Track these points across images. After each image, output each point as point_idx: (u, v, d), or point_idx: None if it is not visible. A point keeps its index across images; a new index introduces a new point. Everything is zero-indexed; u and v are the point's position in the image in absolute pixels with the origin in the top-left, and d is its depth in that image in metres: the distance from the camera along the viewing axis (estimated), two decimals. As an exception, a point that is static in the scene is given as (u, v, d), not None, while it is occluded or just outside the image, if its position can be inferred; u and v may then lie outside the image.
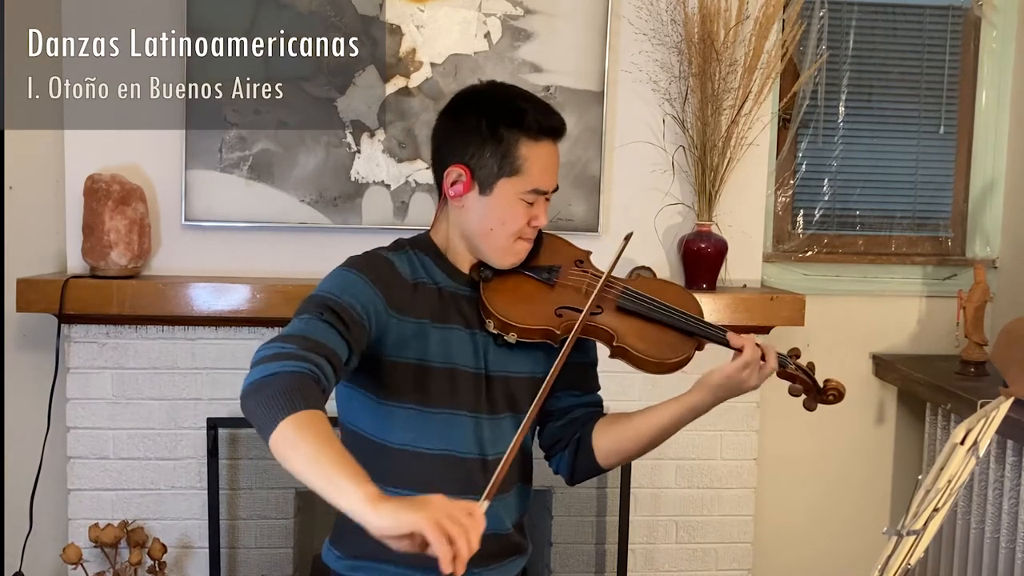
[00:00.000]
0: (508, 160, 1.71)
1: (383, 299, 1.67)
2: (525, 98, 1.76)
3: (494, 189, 1.72)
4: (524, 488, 1.84)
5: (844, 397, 1.84)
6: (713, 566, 3.01)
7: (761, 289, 2.98)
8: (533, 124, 1.71)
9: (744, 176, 2.93)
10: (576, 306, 1.76)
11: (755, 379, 1.75)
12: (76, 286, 2.64)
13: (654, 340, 1.77)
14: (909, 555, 1.31)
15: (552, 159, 1.76)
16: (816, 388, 1.84)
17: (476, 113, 1.73)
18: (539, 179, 1.73)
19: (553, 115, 1.75)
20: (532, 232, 1.76)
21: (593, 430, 1.83)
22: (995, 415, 1.38)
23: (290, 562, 2.87)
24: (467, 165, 1.72)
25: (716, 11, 2.79)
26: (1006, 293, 3.21)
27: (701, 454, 2.97)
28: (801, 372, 1.84)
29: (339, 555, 1.79)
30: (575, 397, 1.86)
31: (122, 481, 2.79)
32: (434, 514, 1.27)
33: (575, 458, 1.84)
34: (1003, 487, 2.64)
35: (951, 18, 3.23)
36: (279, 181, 2.77)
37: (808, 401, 1.86)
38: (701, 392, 1.75)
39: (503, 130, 1.71)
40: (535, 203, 1.74)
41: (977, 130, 3.26)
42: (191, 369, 2.78)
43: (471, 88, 1.83)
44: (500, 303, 1.73)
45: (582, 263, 1.83)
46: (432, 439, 1.71)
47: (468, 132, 1.72)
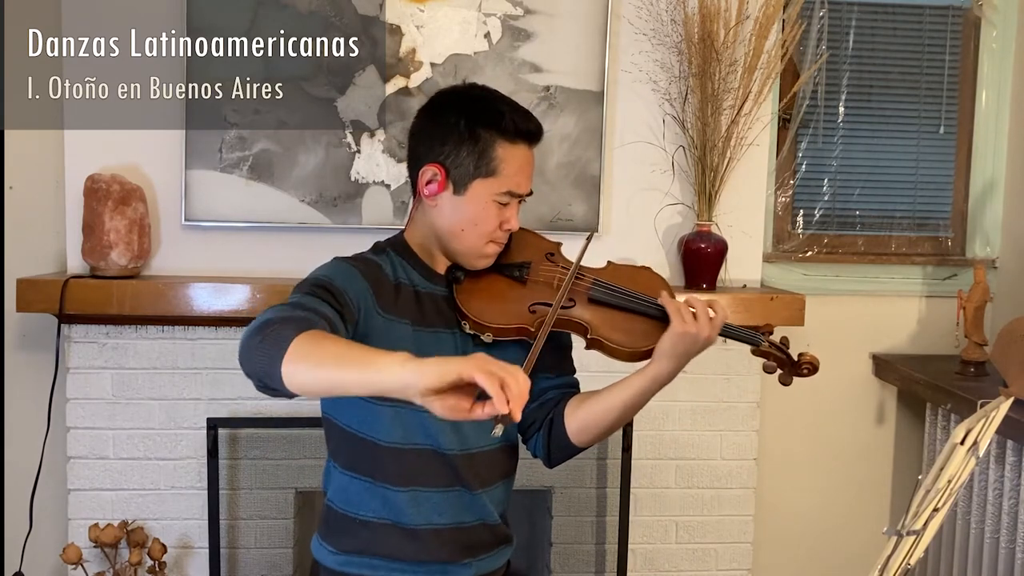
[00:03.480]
0: (484, 160, 1.72)
1: (372, 296, 1.70)
2: (504, 101, 1.78)
3: (468, 189, 1.73)
4: (508, 481, 1.87)
5: (818, 370, 1.86)
6: (713, 566, 3.01)
7: (761, 289, 2.98)
8: (510, 126, 1.73)
9: (744, 176, 2.93)
10: (548, 301, 1.78)
11: (706, 330, 1.74)
12: (76, 286, 2.64)
13: (626, 329, 1.79)
14: (909, 555, 1.31)
15: (527, 163, 1.77)
16: (791, 362, 1.86)
17: (454, 113, 1.75)
18: (514, 181, 1.74)
19: (531, 119, 1.77)
20: (503, 236, 1.78)
21: (564, 410, 1.84)
22: (995, 415, 1.38)
23: (290, 562, 2.87)
24: (442, 164, 1.73)
25: (716, 11, 2.79)
26: (1006, 293, 3.21)
27: (701, 454, 2.97)
28: (774, 348, 1.86)
29: (331, 550, 1.81)
30: (549, 379, 1.87)
31: (122, 481, 2.79)
32: (478, 362, 1.27)
33: (549, 438, 1.85)
34: (1003, 487, 2.64)
35: (951, 18, 3.23)
36: (279, 181, 2.78)
37: (783, 376, 1.88)
38: (660, 361, 1.76)
39: (481, 130, 1.72)
40: (508, 205, 1.75)
41: (977, 130, 3.26)
42: (191, 369, 2.78)
43: (451, 88, 1.85)
44: (474, 304, 1.75)
45: (553, 256, 1.85)
46: (417, 435, 1.73)
47: (446, 131, 1.74)
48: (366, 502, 1.76)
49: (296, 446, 2.83)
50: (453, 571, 1.78)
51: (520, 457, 1.92)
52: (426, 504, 1.75)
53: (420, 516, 1.75)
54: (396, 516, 1.75)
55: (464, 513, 1.78)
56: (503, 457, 1.84)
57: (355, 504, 1.77)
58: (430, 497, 1.75)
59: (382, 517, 1.76)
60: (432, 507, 1.76)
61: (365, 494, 1.76)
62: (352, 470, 1.77)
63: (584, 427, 1.82)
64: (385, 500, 1.75)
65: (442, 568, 1.77)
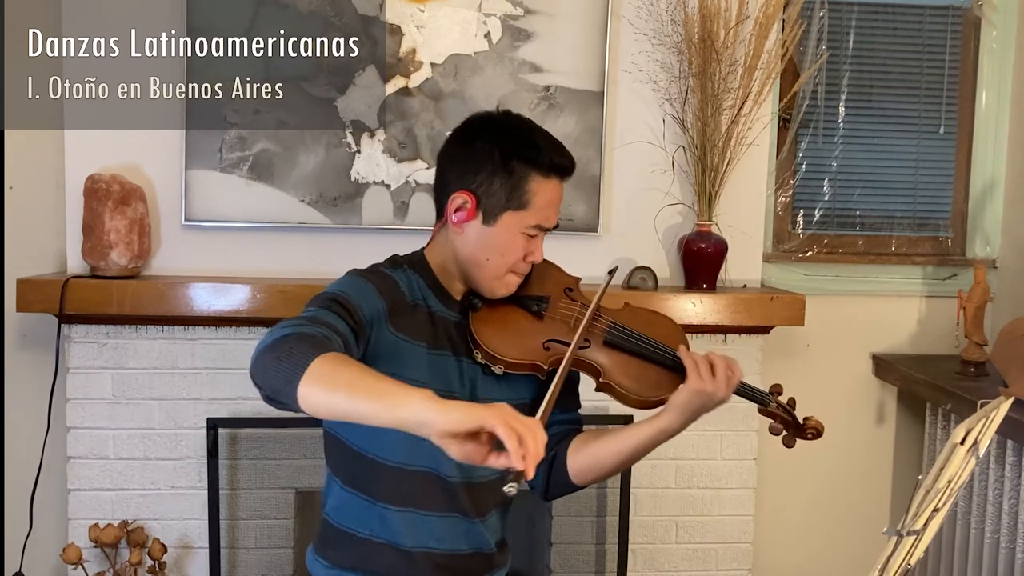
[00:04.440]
0: (517, 193, 1.71)
1: (387, 314, 1.68)
2: (540, 134, 1.77)
3: (498, 220, 1.72)
4: (503, 509, 1.86)
5: (822, 435, 1.88)
6: (713, 566, 3.01)
7: (761, 289, 2.98)
8: (546, 161, 1.73)
9: (744, 176, 2.93)
10: (564, 339, 1.76)
11: (722, 390, 1.74)
12: (76, 286, 2.64)
13: (638, 376, 1.78)
14: (909, 555, 1.31)
15: (558, 197, 1.77)
16: (796, 425, 1.87)
17: (489, 142, 1.73)
18: (543, 215, 1.74)
19: (565, 155, 1.76)
20: (526, 267, 1.77)
21: (568, 448, 1.83)
22: (995, 415, 1.38)
23: (290, 562, 2.87)
24: (474, 192, 1.72)
25: (716, 11, 2.79)
26: (1006, 293, 3.21)
27: (701, 454, 2.97)
28: (781, 410, 1.87)
29: (325, 564, 1.80)
30: (555, 415, 1.84)
31: (122, 481, 2.79)
32: (501, 414, 1.26)
33: (549, 475, 1.84)
34: (1003, 487, 2.64)
35: (951, 18, 3.23)
36: (279, 181, 2.78)
37: (787, 438, 1.88)
38: (671, 414, 1.75)
39: (516, 162, 1.71)
40: (535, 238, 1.75)
41: (977, 130, 3.26)
42: (191, 369, 2.78)
43: (486, 115, 1.82)
44: (488, 335, 1.73)
45: (571, 291, 1.84)
46: (421, 458, 1.71)
47: (479, 160, 1.72)
48: (364, 520, 1.75)
49: (296, 446, 2.83)
50: None
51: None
52: (423, 528, 1.74)
53: (416, 539, 1.74)
54: (392, 537, 1.74)
55: (460, 540, 1.77)
56: (500, 487, 1.82)
57: (353, 521, 1.76)
58: (427, 521, 1.74)
59: (379, 536, 1.74)
60: (429, 531, 1.75)
61: (363, 512, 1.75)
62: (352, 487, 1.76)
63: (587, 468, 1.82)
64: (383, 520, 1.74)
65: None
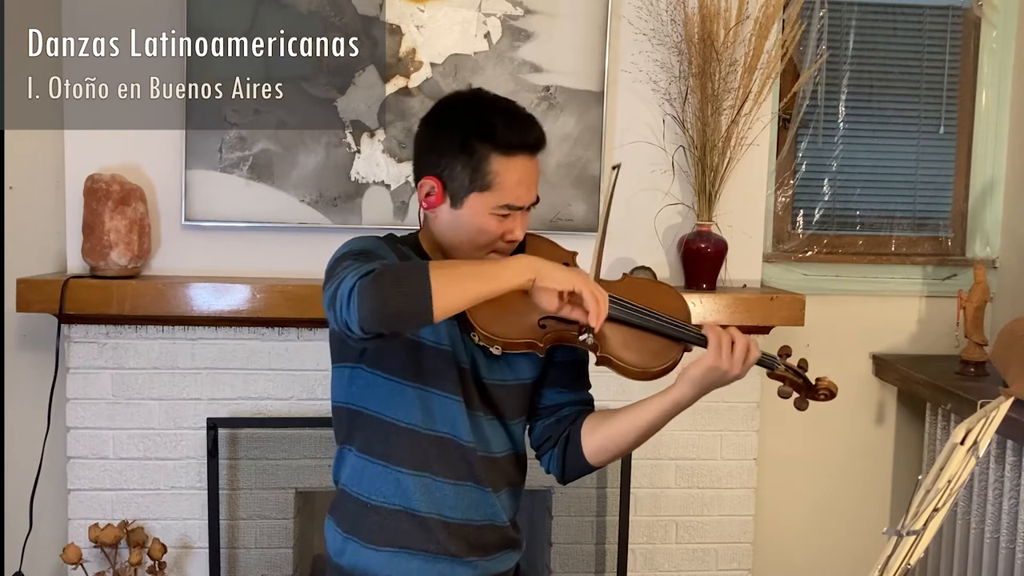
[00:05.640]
0: (479, 175, 1.69)
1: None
2: (501, 111, 1.74)
3: (465, 203, 1.71)
4: (516, 491, 1.86)
5: (836, 396, 1.82)
6: (713, 566, 3.01)
7: (761, 289, 2.98)
8: (504, 139, 1.69)
9: (744, 176, 2.93)
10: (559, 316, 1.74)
11: (737, 368, 1.71)
12: (76, 286, 2.64)
13: (638, 348, 1.76)
14: (909, 555, 1.31)
15: (527, 174, 1.72)
16: (808, 386, 1.82)
17: (451, 125, 1.72)
18: (512, 194, 1.70)
19: (528, 130, 1.72)
20: (508, 246, 1.75)
21: (582, 427, 1.83)
22: (995, 415, 1.38)
23: (290, 562, 2.87)
24: (439, 177, 1.71)
25: (716, 11, 2.79)
26: (1006, 293, 3.21)
27: (701, 454, 2.97)
28: (791, 372, 1.82)
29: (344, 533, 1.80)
30: (565, 395, 1.86)
31: (122, 481, 2.79)
32: (585, 281, 1.60)
33: (564, 456, 1.84)
34: (1003, 487, 2.64)
35: (951, 18, 3.23)
36: (279, 181, 2.78)
37: (799, 400, 1.83)
38: (683, 386, 1.74)
39: (475, 143, 1.69)
40: (509, 216, 1.72)
41: (977, 130, 3.26)
42: (191, 369, 2.78)
43: (454, 95, 1.82)
44: (483, 316, 1.71)
45: (568, 266, 1.83)
46: (438, 422, 1.73)
47: (443, 144, 1.71)
48: (378, 486, 1.75)
49: (296, 446, 2.83)
50: (458, 567, 1.78)
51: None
52: (437, 494, 1.75)
53: (430, 505, 1.75)
54: (407, 502, 1.74)
55: (474, 511, 1.78)
56: (511, 467, 1.83)
57: (368, 488, 1.77)
58: (441, 487, 1.75)
59: (393, 503, 1.75)
60: (443, 498, 1.75)
61: (378, 478, 1.75)
62: (368, 453, 1.76)
63: (602, 448, 1.81)
64: (398, 484, 1.74)
65: (448, 562, 1.77)
